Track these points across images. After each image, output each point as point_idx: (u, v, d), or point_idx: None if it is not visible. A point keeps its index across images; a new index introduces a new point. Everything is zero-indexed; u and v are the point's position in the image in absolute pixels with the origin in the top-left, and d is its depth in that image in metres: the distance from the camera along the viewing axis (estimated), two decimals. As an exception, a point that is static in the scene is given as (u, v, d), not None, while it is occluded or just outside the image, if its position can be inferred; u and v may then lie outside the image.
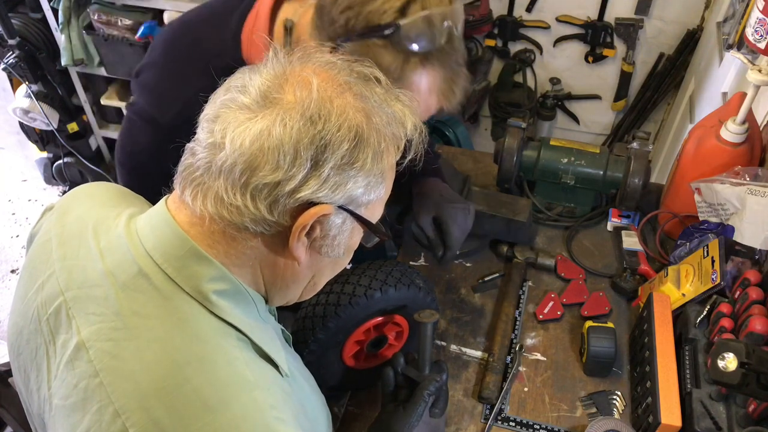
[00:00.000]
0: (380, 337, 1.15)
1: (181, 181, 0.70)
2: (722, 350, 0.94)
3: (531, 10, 2.82)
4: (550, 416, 1.20)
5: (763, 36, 1.27)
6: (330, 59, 0.71)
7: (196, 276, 0.69)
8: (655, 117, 2.98)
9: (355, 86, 0.69)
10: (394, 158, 0.73)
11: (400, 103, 0.73)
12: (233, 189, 0.65)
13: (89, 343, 0.69)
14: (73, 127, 2.80)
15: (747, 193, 1.28)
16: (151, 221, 0.73)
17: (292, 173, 0.64)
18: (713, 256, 1.22)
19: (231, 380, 0.67)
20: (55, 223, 0.82)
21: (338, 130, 0.65)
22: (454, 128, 2.89)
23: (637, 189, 1.46)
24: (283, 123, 0.64)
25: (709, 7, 2.56)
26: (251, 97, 0.66)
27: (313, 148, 0.64)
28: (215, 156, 0.65)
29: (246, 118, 0.65)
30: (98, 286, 0.71)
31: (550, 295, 1.38)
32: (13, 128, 3.00)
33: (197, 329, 0.69)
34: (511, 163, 1.53)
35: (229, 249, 0.70)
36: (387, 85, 0.73)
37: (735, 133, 1.34)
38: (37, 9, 2.49)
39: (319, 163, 0.65)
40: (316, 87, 0.66)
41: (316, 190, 0.66)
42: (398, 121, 0.72)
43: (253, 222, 0.67)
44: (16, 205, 3.17)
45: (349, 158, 0.66)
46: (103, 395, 0.66)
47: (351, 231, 0.73)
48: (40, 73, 2.58)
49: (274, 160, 0.64)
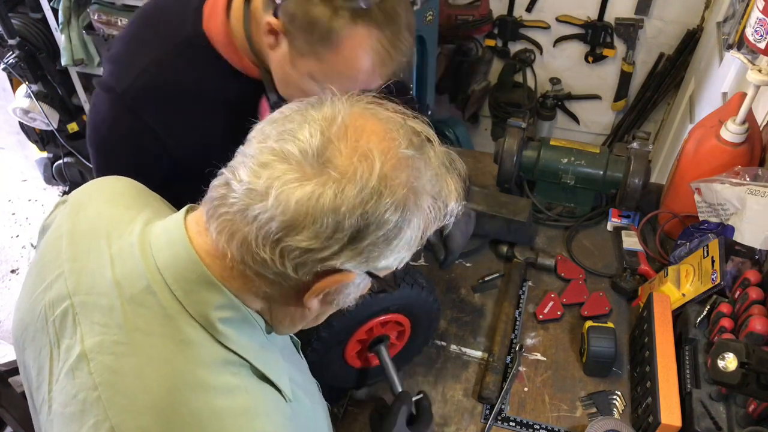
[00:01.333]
0: (381, 337, 1.15)
1: (210, 209, 0.67)
2: (722, 350, 0.94)
3: (531, 10, 2.82)
4: (550, 416, 1.20)
5: (763, 36, 1.27)
6: (390, 114, 0.68)
7: (204, 302, 0.68)
8: (655, 117, 2.98)
9: (413, 161, 0.66)
10: (427, 233, 0.71)
11: (450, 176, 0.71)
12: (264, 241, 0.63)
13: (91, 355, 0.69)
14: (73, 127, 2.79)
15: (747, 193, 1.28)
16: (166, 235, 0.72)
17: (329, 244, 0.63)
18: (713, 256, 1.22)
19: (230, 408, 0.67)
20: (67, 219, 0.81)
21: (386, 211, 0.63)
22: (454, 128, 2.89)
23: (637, 189, 1.46)
24: (334, 194, 0.61)
25: (709, 7, 2.56)
26: (305, 154, 0.62)
27: (357, 224, 0.62)
28: (254, 203, 0.62)
29: (296, 178, 0.61)
30: (105, 295, 0.71)
31: (550, 295, 1.38)
32: (13, 128, 3.00)
33: (199, 354, 0.68)
34: (511, 163, 1.53)
35: (244, 287, 0.69)
36: (438, 143, 0.71)
37: (735, 133, 1.34)
38: (37, 9, 2.49)
39: (358, 239, 0.63)
40: (377, 165, 0.63)
41: (347, 261, 0.64)
42: (443, 199, 0.70)
43: (274, 274, 0.66)
44: (16, 205, 3.17)
45: (387, 238, 0.65)
46: (101, 410, 0.66)
47: (365, 287, 0.73)
48: (40, 73, 2.58)
49: (315, 227, 0.62)
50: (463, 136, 2.93)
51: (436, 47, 2.33)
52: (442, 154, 0.71)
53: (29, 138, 2.96)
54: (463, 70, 3.00)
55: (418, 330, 1.19)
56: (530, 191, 1.58)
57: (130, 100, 1.06)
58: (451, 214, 0.71)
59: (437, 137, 0.72)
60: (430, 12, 2.15)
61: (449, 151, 0.72)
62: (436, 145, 0.70)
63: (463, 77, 3.02)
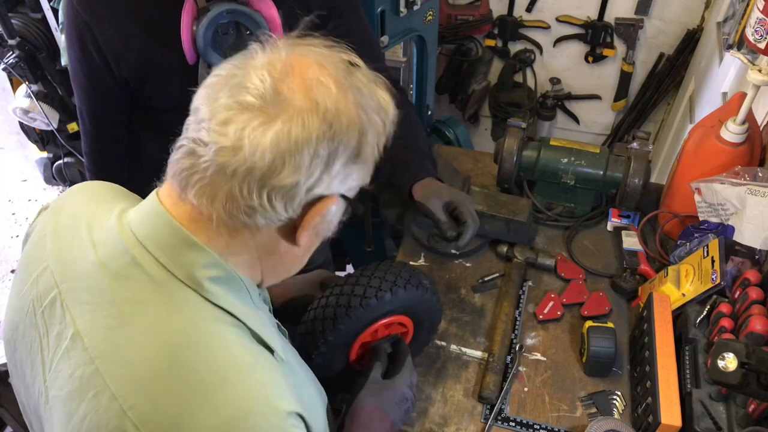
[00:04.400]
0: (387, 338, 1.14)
1: (181, 181, 0.69)
2: (722, 350, 0.94)
3: (531, 10, 2.83)
4: (550, 416, 1.20)
5: (763, 36, 1.27)
6: (319, 49, 0.72)
7: (189, 263, 0.70)
8: (655, 117, 2.98)
9: (350, 80, 0.71)
10: (381, 145, 0.77)
11: (380, 89, 0.76)
12: (249, 191, 0.66)
13: (84, 332, 0.70)
14: (73, 127, 2.79)
15: (747, 193, 1.28)
16: (142, 213, 0.74)
17: (309, 172, 0.67)
18: (713, 256, 1.22)
19: (229, 362, 0.68)
20: (49, 221, 0.83)
21: (347, 128, 0.68)
22: (454, 128, 2.88)
23: (637, 189, 1.46)
24: (302, 125, 0.65)
25: (709, 7, 2.56)
26: (259, 96, 0.66)
27: (328, 148, 0.67)
28: (229, 159, 0.65)
29: (261, 122, 0.65)
30: (91, 277, 0.72)
31: (550, 295, 1.38)
32: (13, 128, 3.00)
33: (192, 314, 0.70)
34: (511, 163, 1.53)
35: (231, 241, 0.71)
36: (365, 68, 0.75)
37: (735, 133, 1.34)
38: (37, 9, 2.49)
39: (332, 161, 0.68)
40: (327, 90, 0.67)
41: (328, 185, 0.69)
42: (384, 110, 0.75)
43: (264, 218, 0.69)
44: (16, 205, 3.17)
45: (355, 153, 0.70)
46: (99, 381, 0.67)
47: (341, 210, 0.77)
48: (40, 73, 2.57)
49: (295, 161, 0.65)
50: (463, 136, 2.92)
51: (436, 47, 2.33)
52: (368, 73, 0.75)
53: (29, 138, 2.96)
54: (463, 70, 3.00)
55: (421, 331, 1.19)
56: (530, 191, 1.58)
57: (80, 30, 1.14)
58: (393, 121, 0.77)
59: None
60: (430, 12, 2.15)
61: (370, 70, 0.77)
62: (362, 67, 0.75)
63: (463, 77, 3.02)
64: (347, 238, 2.36)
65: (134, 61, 1.17)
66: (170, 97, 1.23)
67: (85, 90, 1.24)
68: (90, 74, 1.21)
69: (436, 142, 2.62)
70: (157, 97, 1.24)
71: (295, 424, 0.70)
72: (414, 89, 2.42)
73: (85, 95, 1.25)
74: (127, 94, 1.24)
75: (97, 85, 1.22)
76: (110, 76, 1.19)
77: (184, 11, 1.08)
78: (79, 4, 1.12)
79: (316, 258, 1.74)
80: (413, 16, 2.06)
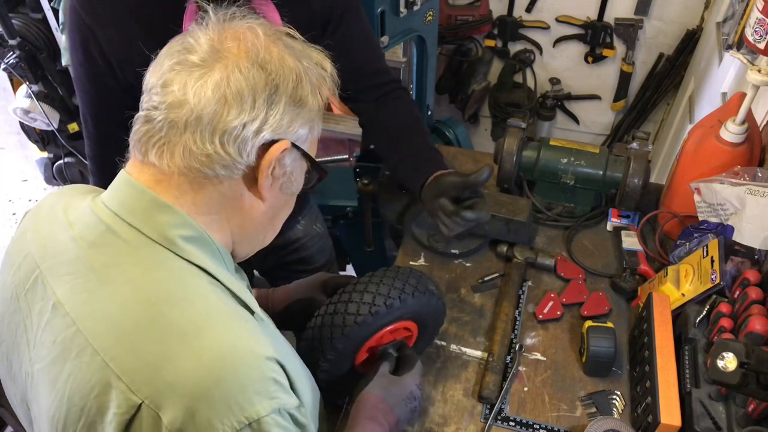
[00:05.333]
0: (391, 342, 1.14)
1: (141, 146, 0.74)
2: (722, 350, 0.94)
3: (531, 10, 2.83)
4: (550, 416, 1.20)
5: (762, 36, 1.27)
6: (253, 20, 0.78)
7: (160, 224, 0.73)
8: (655, 117, 2.98)
9: (280, 39, 0.77)
10: (323, 97, 0.81)
11: (315, 51, 0.82)
12: (202, 139, 0.71)
13: (64, 299, 0.72)
14: (74, 127, 2.79)
15: (746, 193, 1.28)
16: (112, 189, 0.78)
17: (254, 114, 0.72)
18: (713, 256, 1.22)
19: (207, 311, 0.70)
20: (30, 218, 0.86)
21: (283, 72, 0.74)
22: (453, 128, 2.89)
23: (637, 189, 1.46)
24: (239, 70, 0.71)
25: (709, 8, 2.57)
26: (200, 54, 0.72)
27: (267, 89, 0.72)
28: (178, 113, 0.71)
29: (202, 73, 0.71)
30: (69, 250, 0.74)
31: (549, 295, 1.39)
32: (14, 128, 3.00)
33: (169, 270, 0.72)
34: (510, 163, 1.53)
35: (197, 197, 0.74)
36: (302, 39, 0.82)
37: (734, 133, 1.35)
38: (37, 9, 2.49)
39: (274, 103, 0.73)
40: (258, 37, 0.74)
41: (275, 128, 0.74)
42: (320, 64, 0.81)
43: (223, 167, 0.72)
44: (16, 205, 3.17)
45: (295, 96, 0.75)
46: (81, 340, 0.68)
47: (300, 168, 0.82)
48: (41, 73, 2.57)
49: (238, 104, 0.71)
50: (463, 136, 2.92)
51: (436, 47, 2.33)
52: (300, 41, 0.81)
53: (30, 138, 2.96)
54: (463, 70, 3.00)
55: (424, 335, 1.20)
56: (530, 191, 1.58)
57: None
58: (333, 75, 0.82)
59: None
60: (430, 12, 2.15)
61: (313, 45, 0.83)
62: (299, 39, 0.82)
63: (463, 77, 3.02)
64: (347, 238, 2.36)
65: (138, 66, 1.17)
66: None
67: (88, 93, 1.24)
68: (93, 78, 1.21)
69: (436, 142, 2.61)
70: None
71: (275, 369, 0.71)
72: (414, 89, 2.43)
73: (88, 99, 1.25)
74: (131, 97, 1.24)
75: (101, 88, 1.22)
76: (114, 80, 1.19)
77: (186, 16, 1.08)
78: (82, 9, 1.12)
79: (319, 258, 1.74)
80: (413, 16, 2.06)
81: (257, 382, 0.68)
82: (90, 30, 1.13)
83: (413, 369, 1.07)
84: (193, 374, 0.65)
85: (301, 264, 1.68)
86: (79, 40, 1.16)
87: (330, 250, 1.81)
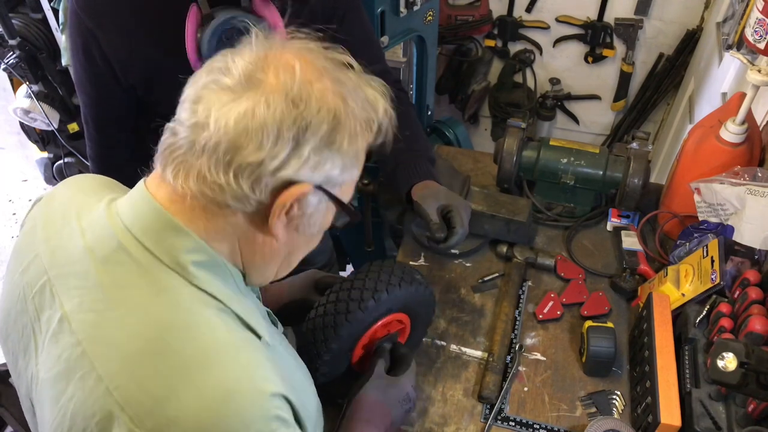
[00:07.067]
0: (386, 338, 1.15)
1: (162, 159, 0.71)
2: (722, 350, 0.94)
3: (531, 10, 2.83)
4: (550, 416, 1.20)
5: (762, 36, 1.27)
6: (307, 45, 0.73)
7: (174, 248, 0.71)
8: (655, 117, 2.98)
9: (332, 71, 0.72)
10: (366, 141, 0.76)
11: (372, 88, 0.75)
12: (216, 167, 0.67)
13: (71, 315, 0.71)
14: (74, 127, 2.79)
15: (746, 193, 1.28)
16: (129, 200, 0.76)
17: (275, 152, 0.67)
18: (713, 256, 1.22)
19: (214, 343, 0.69)
20: (41, 211, 0.84)
21: (318, 112, 0.68)
22: (453, 128, 2.88)
23: (637, 189, 1.46)
24: (266, 104, 0.66)
25: (709, 8, 2.56)
26: (234, 79, 0.68)
27: (295, 128, 0.67)
28: (199, 135, 0.67)
29: (230, 99, 0.67)
30: (79, 263, 0.73)
31: (549, 295, 1.39)
32: (14, 128, 3.00)
33: (178, 297, 0.70)
34: (510, 163, 1.53)
35: (209, 224, 0.72)
36: (359, 70, 0.76)
37: (734, 133, 1.35)
38: (37, 9, 2.49)
39: (300, 144, 0.68)
40: (298, 71, 0.68)
41: (297, 170, 0.68)
42: (371, 105, 0.74)
43: (234, 199, 0.69)
44: (16, 205, 3.17)
45: (328, 139, 0.69)
46: (86, 363, 0.68)
47: (326, 210, 0.76)
48: (41, 73, 2.57)
49: (258, 139, 0.66)
50: (463, 136, 2.92)
51: (436, 47, 2.33)
52: (361, 73, 0.76)
53: (30, 138, 2.96)
54: (463, 70, 3.00)
55: (418, 325, 1.20)
56: (530, 191, 1.58)
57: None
58: (383, 119, 0.75)
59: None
60: (430, 12, 2.15)
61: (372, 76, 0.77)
62: (356, 68, 0.76)
63: (463, 77, 3.02)
64: (347, 238, 2.36)
65: (140, 68, 1.17)
66: (177, 103, 1.23)
67: (90, 96, 1.24)
68: (95, 81, 1.21)
69: (435, 142, 2.62)
70: (163, 103, 1.24)
71: (279, 406, 0.70)
72: (414, 89, 2.42)
73: (90, 101, 1.25)
74: (133, 98, 1.24)
75: (103, 91, 1.22)
76: (116, 83, 1.19)
77: (189, 19, 1.08)
78: (83, 12, 1.12)
79: (319, 258, 1.74)
80: (413, 16, 2.06)
81: (260, 421, 0.67)
82: (91, 33, 1.13)
83: (409, 369, 1.08)
84: (196, 411, 0.65)
85: (301, 264, 1.68)
86: (80, 43, 1.16)
87: (330, 250, 1.81)
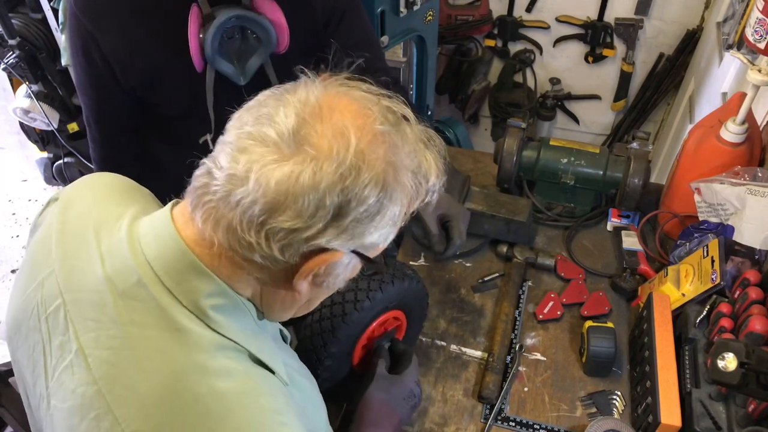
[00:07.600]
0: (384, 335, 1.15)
1: (194, 199, 0.68)
2: (722, 350, 0.94)
3: (531, 10, 2.83)
4: (550, 416, 1.20)
5: (762, 36, 1.27)
6: (363, 94, 0.69)
7: (194, 290, 0.69)
8: (655, 117, 2.98)
9: (389, 136, 0.67)
10: (412, 208, 0.72)
11: (429, 152, 0.71)
12: (249, 225, 0.63)
13: (88, 351, 0.69)
14: (73, 127, 2.79)
15: (747, 193, 1.28)
16: (154, 229, 0.73)
17: (312, 222, 0.63)
18: (713, 256, 1.22)
19: (233, 389, 0.67)
20: (57, 218, 0.82)
21: (365, 186, 0.63)
22: (454, 128, 2.89)
23: (637, 189, 1.46)
24: (312, 172, 0.62)
25: (709, 7, 2.56)
26: (282, 136, 0.63)
27: (338, 200, 0.63)
28: (235, 188, 0.63)
29: (274, 159, 0.62)
30: (96, 292, 0.71)
31: (549, 295, 1.39)
32: (14, 128, 3.00)
33: (195, 341, 0.69)
34: (510, 163, 1.53)
35: (233, 273, 0.70)
36: (414, 121, 0.71)
37: (735, 133, 1.35)
38: (37, 9, 2.49)
39: (340, 215, 0.64)
40: (353, 140, 0.63)
41: (332, 239, 0.65)
42: (423, 174, 0.71)
43: (262, 257, 0.66)
44: (16, 205, 3.17)
45: (371, 213, 0.65)
46: (102, 403, 0.67)
47: (354, 267, 0.73)
48: (41, 73, 2.57)
49: (297, 207, 0.62)
50: (463, 136, 2.93)
51: (436, 47, 2.33)
52: (420, 131, 0.71)
53: (29, 138, 2.96)
54: (463, 70, 3.00)
55: (413, 320, 1.20)
56: (530, 191, 1.58)
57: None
58: (433, 189, 0.72)
59: (414, 115, 0.73)
60: (430, 12, 2.15)
61: (427, 128, 0.73)
62: (412, 123, 0.71)
63: (463, 77, 3.02)
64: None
65: (141, 70, 1.16)
66: (178, 104, 1.22)
67: (91, 98, 1.24)
68: (95, 83, 1.20)
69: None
70: (164, 104, 1.24)
71: None
72: (414, 89, 2.43)
73: (91, 103, 1.25)
74: (134, 100, 1.24)
75: (104, 92, 1.21)
76: (116, 84, 1.18)
77: (191, 20, 1.07)
78: (83, 14, 1.11)
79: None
80: (413, 16, 2.06)
81: None
82: (90, 34, 1.13)
83: (410, 365, 1.07)
84: None
85: None
86: (79, 45, 1.15)
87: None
